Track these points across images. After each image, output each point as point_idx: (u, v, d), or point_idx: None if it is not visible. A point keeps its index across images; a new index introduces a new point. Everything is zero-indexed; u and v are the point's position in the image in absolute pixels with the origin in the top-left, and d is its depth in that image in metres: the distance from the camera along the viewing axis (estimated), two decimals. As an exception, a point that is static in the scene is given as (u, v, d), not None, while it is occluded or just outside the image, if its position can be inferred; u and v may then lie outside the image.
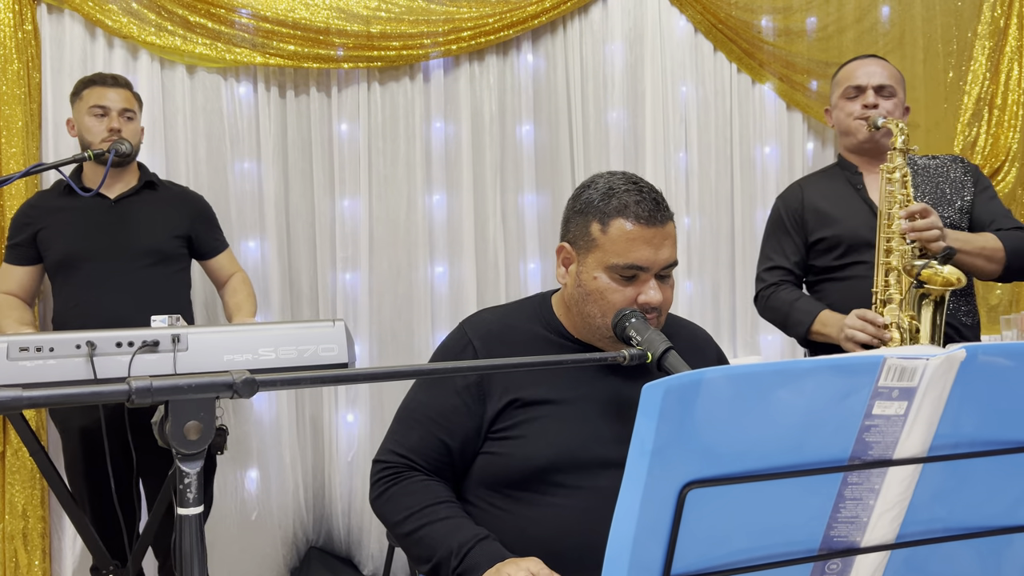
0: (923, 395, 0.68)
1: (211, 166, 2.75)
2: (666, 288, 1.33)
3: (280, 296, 2.83)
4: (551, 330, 1.40)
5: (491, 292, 3.00)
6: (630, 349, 1.14)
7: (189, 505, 0.79)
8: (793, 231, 2.15)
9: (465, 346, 1.38)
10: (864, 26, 3.46)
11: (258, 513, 2.81)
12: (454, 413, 1.33)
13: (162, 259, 2.34)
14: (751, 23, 3.29)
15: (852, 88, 2.11)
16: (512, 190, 3.05)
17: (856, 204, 2.09)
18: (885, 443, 0.70)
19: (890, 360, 0.66)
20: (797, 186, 2.23)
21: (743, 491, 0.68)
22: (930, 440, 0.72)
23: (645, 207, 1.28)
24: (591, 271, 1.31)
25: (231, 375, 0.80)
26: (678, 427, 0.63)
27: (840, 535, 0.74)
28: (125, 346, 1.73)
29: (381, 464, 1.36)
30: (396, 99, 2.93)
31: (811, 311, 2.04)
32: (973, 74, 3.61)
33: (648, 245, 1.28)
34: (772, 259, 2.17)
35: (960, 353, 0.68)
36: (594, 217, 1.31)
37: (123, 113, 2.31)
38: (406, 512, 1.29)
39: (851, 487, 0.71)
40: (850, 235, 2.05)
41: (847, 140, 2.16)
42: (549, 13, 3.02)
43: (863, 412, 0.68)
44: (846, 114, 2.13)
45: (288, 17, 2.75)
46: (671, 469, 0.65)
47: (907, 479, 0.72)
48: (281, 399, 2.83)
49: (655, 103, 3.16)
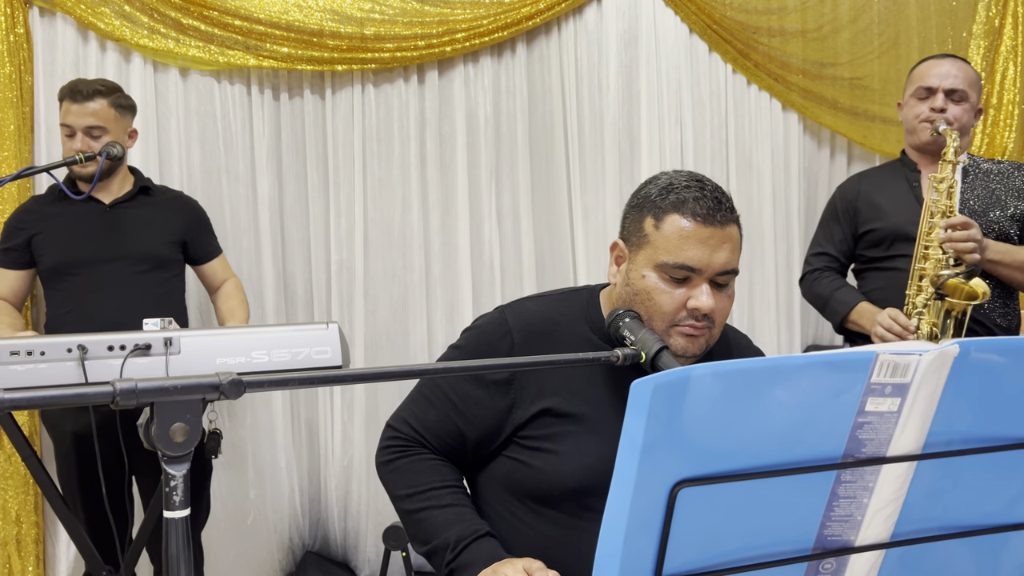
0: (916, 391, 0.67)
1: (205, 169, 2.74)
2: (722, 297, 1.22)
3: (274, 299, 2.82)
4: (597, 332, 1.31)
5: (487, 294, 2.99)
6: (623, 349, 1.11)
7: (176, 508, 0.78)
8: (844, 221, 2.26)
9: (504, 335, 1.29)
10: (859, 26, 3.46)
11: (254, 518, 2.80)
12: (476, 404, 1.27)
13: (157, 264, 2.33)
14: (746, 24, 3.28)
15: (923, 89, 2.17)
16: (507, 191, 3.04)
17: (908, 200, 2.18)
18: (879, 440, 0.69)
19: (882, 356, 0.65)
20: (856, 178, 2.33)
21: (735, 490, 0.67)
22: (924, 437, 0.71)
23: (704, 204, 1.20)
24: (640, 269, 1.23)
25: (218, 376, 0.79)
26: (668, 424, 0.62)
27: (834, 534, 0.73)
28: (117, 349, 1.72)
29: (393, 431, 1.32)
30: (390, 101, 2.92)
31: (849, 301, 2.15)
32: (968, 74, 3.62)
33: (703, 245, 1.18)
34: (821, 245, 2.30)
35: (953, 349, 0.67)
36: (649, 212, 1.23)
37: (89, 131, 2.23)
38: (410, 489, 1.26)
39: (845, 485, 0.71)
40: (895, 229, 2.15)
41: (911, 138, 2.23)
42: (543, 15, 3.01)
43: (856, 409, 0.67)
44: (914, 115, 2.20)
45: (281, 19, 2.74)
46: (661, 467, 0.64)
47: (901, 477, 0.72)
48: (276, 403, 2.82)
49: (650, 105, 3.15)
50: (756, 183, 3.28)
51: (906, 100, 2.25)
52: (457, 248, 2.97)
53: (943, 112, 2.13)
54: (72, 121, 2.24)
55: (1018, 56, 3.61)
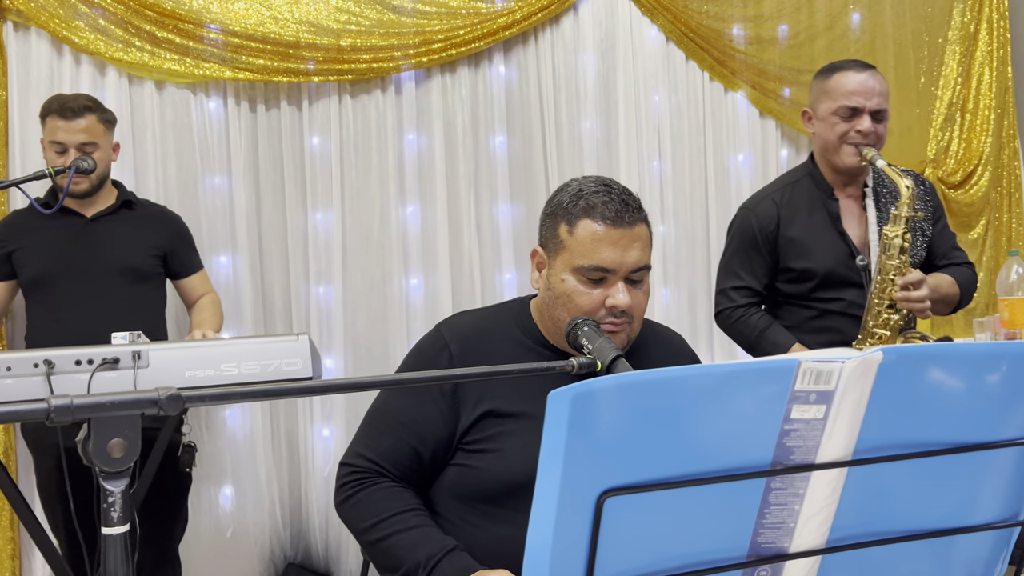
0: (841, 398, 0.68)
1: (181, 182, 2.74)
2: (638, 293, 1.29)
3: (253, 310, 2.81)
4: (529, 336, 1.38)
5: (467, 304, 2.99)
6: (579, 358, 1.13)
7: (114, 524, 0.77)
8: (766, 252, 2.07)
9: (441, 349, 1.35)
10: (835, 33, 3.49)
11: (233, 530, 2.79)
12: (427, 420, 1.30)
13: (138, 277, 2.35)
14: (722, 31, 3.30)
15: (847, 108, 1.97)
16: (486, 200, 3.05)
17: (832, 237, 2.03)
18: (807, 447, 0.69)
19: (805, 364, 0.65)
20: (771, 203, 2.10)
21: (664, 498, 0.68)
22: (854, 443, 0.71)
23: (612, 207, 1.26)
24: (559, 273, 1.29)
25: (156, 391, 0.79)
26: (589, 434, 0.62)
27: (767, 541, 0.73)
28: (84, 364, 1.72)
29: (349, 468, 1.33)
30: (368, 112, 2.93)
31: (782, 344, 2.00)
32: (944, 79, 3.64)
33: (614, 246, 1.26)
34: (741, 278, 2.09)
35: (877, 355, 0.68)
36: (563, 218, 1.30)
37: (82, 147, 2.26)
38: (373, 519, 1.26)
39: (775, 492, 0.71)
40: (825, 271, 2.01)
41: (830, 157, 2.04)
42: (520, 24, 3.02)
43: (782, 416, 0.67)
44: (837, 135, 1.99)
45: (257, 32, 2.75)
46: (586, 477, 0.64)
47: (832, 483, 0.72)
48: (255, 414, 2.81)
49: (628, 112, 3.16)
50: (735, 190, 3.30)
51: (823, 115, 2.02)
52: (436, 258, 2.97)
53: (870, 135, 1.97)
54: (64, 138, 2.25)
55: (993, 61, 3.64)
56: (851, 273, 2.01)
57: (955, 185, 3.59)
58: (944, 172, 3.58)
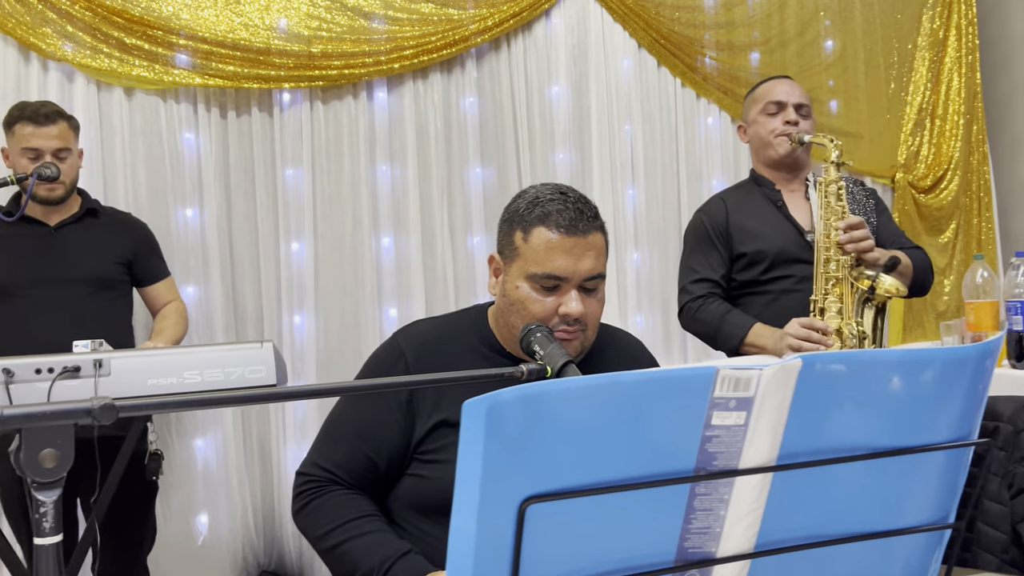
0: (761, 404, 0.68)
1: (151, 188, 2.73)
2: (592, 301, 1.30)
3: (224, 317, 2.80)
4: (486, 344, 1.38)
5: (440, 310, 3.00)
6: (529, 364, 1.14)
7: (45, 535, 0.77)
8: (719, 244, 2.16)
9: (397, 358, 1.36)
10: (806, 39, 3.52)
11: (205, 538, 2.77)
12: (383, 430, 1.31)
13: (103, 286, 2.33)
14: (694, 38, 3.33)
15: (773, 104, 2.16)
16: (459, 206, 3.06)
17: (778, 220, 2.14)
18: (729, 453, 0.70)
19: (723, 371, 0.66)
20: (719, 200, 2.23)
21: (588, 504, 0.68)
22: (777, 449, 0.72)
23: (566, 216, 1.27)
24: (514, 280, 1.30)
25: (90, 401, 0.79)
26: (505, 444, 0.63)
27: (694, 546, 0.74)
28: (45, 372, 1.70)
29: (304, 477, 1.34)
30: (340, 118, 2.93)
31: (743, 324, 2.04)
32: (914, 85, 3.68)
33: (568, 255, 1.27)
34: (698, 271, 2.16)
35: (796, 363, 0.69)
36: (518, 226, 1.31)
37: (57, 154, 2.27)
38: (328, 526, 1.27)
39: (700, 498, 0.72)
40: (775, 251, 2.09)
41: (765, 155, 2.19)
42: (492, 31, 3.04)
43: (702, 423, 0.68)
44: (768, 130, 2.16)
45: (227, 38, 2.74)
46: (506, 485, 0.64)
47: (756, 488, 0.73)
48: (227, 421, 2.80)
49: (600, 119, 3.18)
50: (707, 195, 3.31)
51: (753, 119, 2.20)
52: (409, 264, 2.98)
53: (796, 125, 2.12)
54: (40, 144, 2.25)
55: (962, 67, 3.68)
56: (801, 251, 2.08)
57: (925, 190, 3.64)
58: (915, 177, 3.62)
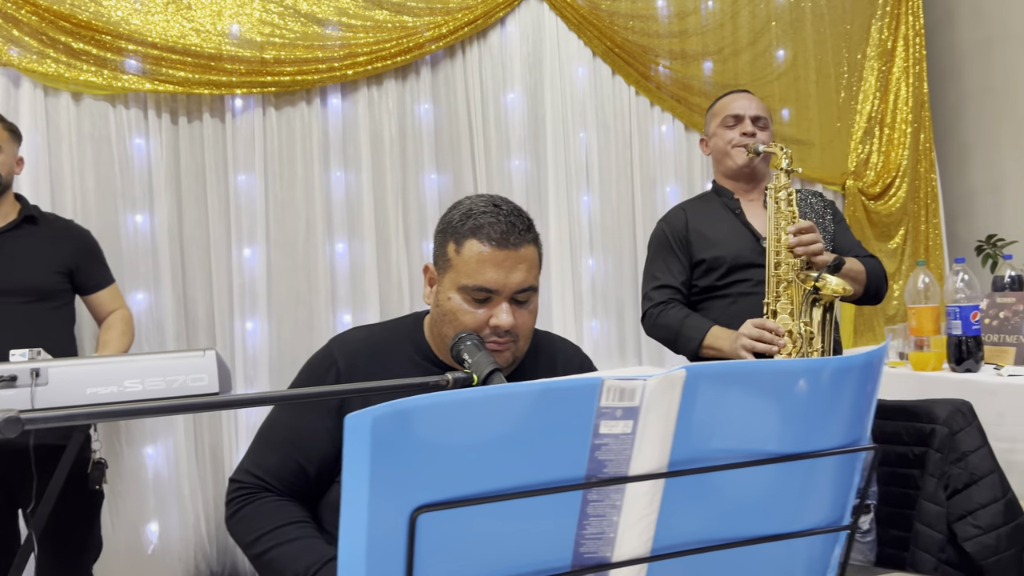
0: (647, 413, 0.71)
1: (100, 194, 2.71)
2: (523, 313, 1.32)
3: (175, 325, 2.78)
4: (420, 353, 1.40)
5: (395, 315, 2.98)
6: (456, 373, 1.15)
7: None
8: (679, 251, 2.21)
9: (330, 366, 1.37)
10: (758, 49, 3.58)
11: (155, 547, 2.75)
12: (314, 438, 1.32)
13: (43, 296, 2.28)
14: (647, 47, 3.37)
15: (731, 117, 2.22)
16: (414, 211, 3.07)
17: (736, 227, 2.20)
18: (618, 460, 0.72)
19: (608, 382, 0.68)
20: (680, 210, 2.30)
21: (480, 512, 0.70)
22: (667, 456, 0.74)
23: (498, 229, 1.28)
24: (446, 291, 1.32)
25: (-6, 413, 0.79)
26: (395, 454, 0.64)
27: (590, 551, 0.76)
28: (-21, 382, 1.68)
29: (236, 484, 1.34)
30: (293, 124, 2.93)
31: (701, 327, 2.09)
32: (864, 94, 3.76)
33: (499, 268, 1.28)
34: (659, 278, 2.21)
35: (680, 373, 0.71)
36: (451, 237, 1.32)
37: None
38: (257, 533, 1.27)
39: (592, 504, 0.74)
40: (732, 256, 2.15)
41: (725, 165, 2.26)
42: (447, 38, 3.05)
43: (591, 432, 0.70)
44: (725, 141, 2.23)
45: (179, 44, 2.73)
46: (396, 496, 0.66)
47: (648, 494, 0.75)
48: (178, 428, 2.78)
49: (555, 126, 3.21)
50: (661, 202, 3.36)
51: (713, 132, 2.28)
52: (364, 270, 2.98)
53: (754, 136, 2.19)
54: None
55: (910, 77, 3.77)
56: (756, 256, 2.14)
57: (875, 196, 3.72)
58: (864, 183, 3.70)
